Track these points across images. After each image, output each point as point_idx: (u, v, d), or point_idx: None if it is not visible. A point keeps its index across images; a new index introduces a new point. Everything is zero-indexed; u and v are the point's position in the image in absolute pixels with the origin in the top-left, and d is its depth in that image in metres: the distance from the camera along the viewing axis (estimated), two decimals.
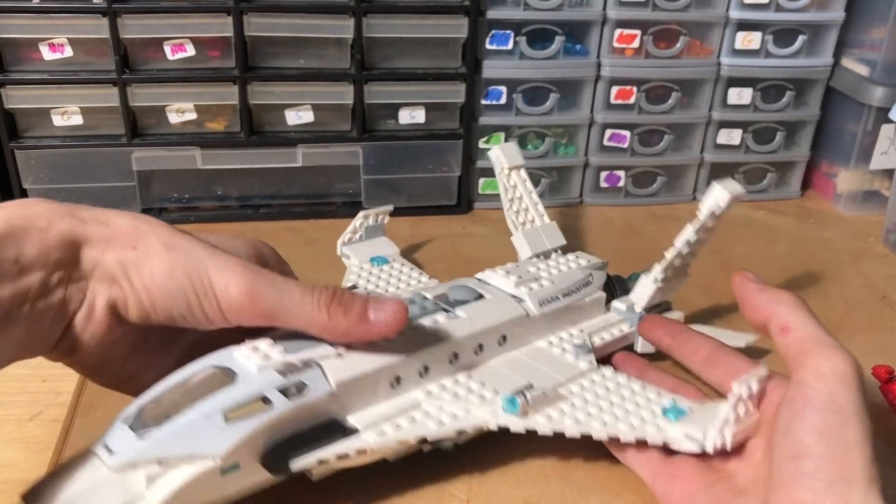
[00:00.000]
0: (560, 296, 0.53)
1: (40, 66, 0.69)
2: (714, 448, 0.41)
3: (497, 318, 0.49)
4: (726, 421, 0.41)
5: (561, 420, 0.44)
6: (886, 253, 0.76)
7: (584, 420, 0.44)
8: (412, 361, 0.44)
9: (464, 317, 0.48)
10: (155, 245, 0.37)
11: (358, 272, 0.62)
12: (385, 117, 0.76)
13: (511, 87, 0.77)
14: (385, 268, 0.63)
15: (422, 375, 0.45)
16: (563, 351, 0.51)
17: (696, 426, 0.42)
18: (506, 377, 0.47)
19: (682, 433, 0.42)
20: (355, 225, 0.65)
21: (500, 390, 0.45)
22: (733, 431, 0.41)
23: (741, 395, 0.41)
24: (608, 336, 0.54)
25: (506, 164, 0.63)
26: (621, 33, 0.76)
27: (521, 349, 0.51)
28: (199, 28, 0.69)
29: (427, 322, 0.47)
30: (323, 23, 0.70)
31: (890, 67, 0.78)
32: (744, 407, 0.41)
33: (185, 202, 0.76)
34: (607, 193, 0.84)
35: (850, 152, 0.82)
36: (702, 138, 0.83)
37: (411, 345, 0.45)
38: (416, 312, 0.47)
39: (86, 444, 0.38)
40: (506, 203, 0.63)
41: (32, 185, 0.72)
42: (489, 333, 0.48)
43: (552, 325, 0.53)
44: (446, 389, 0.45)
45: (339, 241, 0.65)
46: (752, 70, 0.80)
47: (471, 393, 0.45)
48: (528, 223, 0.63)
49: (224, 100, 0.72)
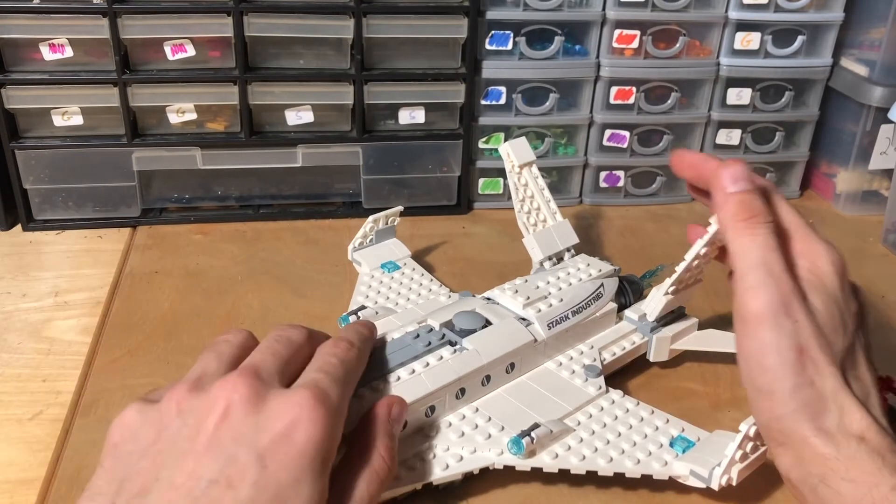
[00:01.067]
0: (570, 314, 0.52)
1: (41, 66, 0.69)
2: (720, 486, 0.41)
3: (504, 349, 0.48)
4: (733, 460, 0.41)
5: (567, 457, 0.44)
6: (885, 253, 0.76)
7: (590, 456, 0.44)
8: (418, 405, 0.44)
9: (470, 349, 0.47)
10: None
11: (368, 282, 0.61)
12: (385, 117, 0.76)
13: (511, 88, 0.77)
14: (396, 275, 0.62)
15: (428, 416, 0.45)
16: (572, 373, 0.50)
17: (703, 462, 0.42)
18: (512, 410, 0.46)
19: (687, 469, 0.42)
20: (365, 230, 0.65)
21: (506, 426, 0.45)
22: (739, 469, 0.41)
23: (748, 434, 0.41)
24: (619, 350, 0.53)
25: (516, 162, 0.60)
26: (621, 34, 0.76)
27: (529, 373, 0.50)
28: (199, 28, 0.69)
29: (433, 360, 0.46)
30: (323, 23, 0.71)
31: (889, 68, 0.78)
32: (751, 443, 0.41)
33: (185, 202, 0.76)
34: (607, 193, 0.84)
35: (850, 152, 0.82)
36: (701, 138, 0.83)
37: (418, 387, 0.44)
38: (420, 349, 0.47)
39: (86, 443, 0.38)
40: (517, 203, 0.61)
41: (33, 186, 0.72)
42: (497, 364, 0.48)
43: (561, 344, 0.52)
44: (452, 427, 0.45)
45: (350, 246, 0.65)
46: (751, 70, 0.80)
47: (476, 430, 0.45)
48: (539, 223, 0.61)
49: (224, 100, 0.72)
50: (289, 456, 0.34)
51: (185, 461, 0.33)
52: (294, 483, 0.34)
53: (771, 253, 0.40)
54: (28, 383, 0.53)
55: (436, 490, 0.44)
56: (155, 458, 0.34)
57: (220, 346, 0.40)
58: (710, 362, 0.56)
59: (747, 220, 0.41)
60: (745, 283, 0.40)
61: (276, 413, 0.35)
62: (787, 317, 0.39)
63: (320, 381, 0.37)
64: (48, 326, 0.59)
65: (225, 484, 0.33)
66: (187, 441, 0.34)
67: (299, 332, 0.41)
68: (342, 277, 0.67)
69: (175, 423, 0.35)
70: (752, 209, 0.41)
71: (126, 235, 0.73)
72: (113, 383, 0.53)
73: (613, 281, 0.56)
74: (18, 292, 0.63)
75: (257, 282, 0.66)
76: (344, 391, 0.38)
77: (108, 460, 0.35)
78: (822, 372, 0.38)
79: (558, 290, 0.54)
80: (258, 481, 0.33)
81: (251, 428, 0.34)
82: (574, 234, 0.62)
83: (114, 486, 0.34)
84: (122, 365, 0.55)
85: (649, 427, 0.46)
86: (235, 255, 0.70)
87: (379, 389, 0.43)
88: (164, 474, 0.33)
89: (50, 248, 0.71)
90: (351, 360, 0.41)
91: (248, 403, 0.35)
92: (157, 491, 0.33)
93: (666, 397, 0.53)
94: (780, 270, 0.40)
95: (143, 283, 0.65)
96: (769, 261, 0.40)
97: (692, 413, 0.51)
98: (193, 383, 0.37)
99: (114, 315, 0.61)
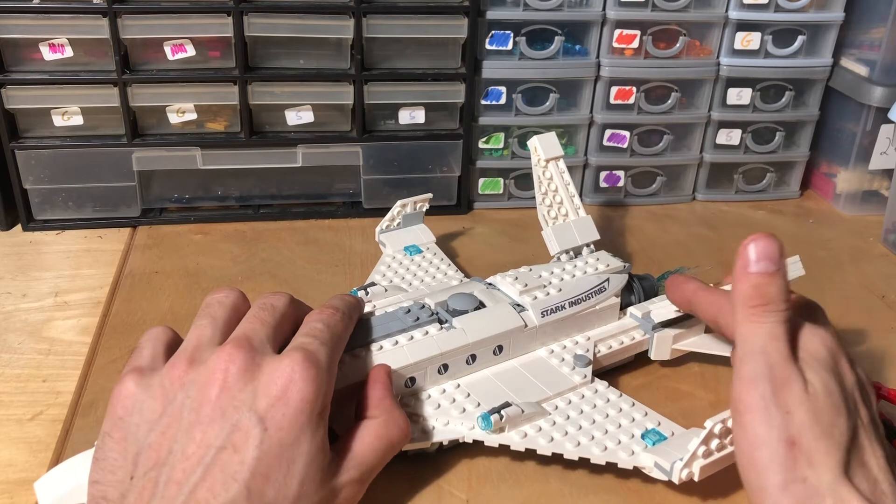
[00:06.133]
0: (566, 304, 0.53)
1: (41, 66, 0.69)
2: (680, 480, 0.41)
3: (492, 331, 0.49)
4: (695, 455, 0.41)
5: (535, 438, 0.44)
6: (886, 253, 0.76)
7: (559, 439, 0.44)
8: (396, 375, 0.46)
9: (458, 328, 0.49)
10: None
11: (388, 262, 0.63)
12: (385, 117, 0.76)
13: (511, 88, 0.77)
14: (416, 258, 0.64)
15: (408, 386, 0.47)
16: (561, 361, 0.51)
17: (667, 456, 0.42)
18: (493, 389, 0.48)
19: (651, 461, 0.43)
20: (393, 213, 0.66)
21: (482, 403, 0.46)
22: (702, 465, 0.41)
23: (713, 431, 0.41)
24: (617, 344, 0.54)
25: (542, 156, 0.61)
26: (621, 33, 0.76)
27: (519, 358, 0.51)
28: (199, 28, 0.69)
29: (418, 334, 0.48)
30: (323, 23, 0.71)
31: (889, 67, 0.78)
32: (717, 441, 0.41)
33: (185, 202, 0.76)
34: (607, 193, 0.84)
35: (850, 152, 0.82)
36: (701, 138, 0.83)
37: (398, 357, 0.46)
38: (408, 323, 0.48)
39: (86, 443, 0.38)
40: (539, 196, 0.61)
41: (33, 186, 0.72)
42: (482, 344, 0.49)
43: (556, 333, 0.53)
44: (430, 400, 0.47)
45: (378, 228, 0.66)
46: (751, 70, 0.80)
47: (453, 404, 0.47)
48: (560, 217, 0.61)
49: (224, 100, 0.72)
50: (286, 417, 0.37)
51: (194, 432, 0.36)
52: (294, 441, 0.36)
53: (773, 342, 0.39)
54: (28, 383, 0.53)
55: (405, 456, 0.44)
56: (165, 431, 0.36)
57: (213, 309, 0.42)
58: (712, 365, 0.56)
59: (757, 307, 0.40)
60: (741, 372, 0.39)
61: (270, 377, 0.38)
62: (779, 408, 0.37)
63: (309, 344, 0.40)
64: (48, 326, 0.59)
65: (231, 449, 0.35)
66: (192, 412, 0.37)
67: (281, 299, 0.43)
68: (342, 277, 0.67)
69: (179, 395, 0.37)
70: (766, 296, 0.40)
71: (126, 235, 0.73)
72: (113, 383, 0.52)
73: (622, 277, 0.56)
74: (18, 292, 0.63)
75: (257, 282, 0.66)
76: (332, 352, 0.41)
77: (117, 432, 0.37)
78: (817, 465, 0.36)
79: (559, 281, 0.55)
80: (261, 443, 0.36)
81: (249, 394, 0.37)
82: (595, 230, 0.61)
83: (129, 460, 0.37)
84: (122, 365, 0.55)
85: (626, 418, 0.46)
86: (235, 255, 0.70)
87: (361, 357, 0.46)
88: (176, 447, 0.36)
89: (50, 248, 0.71)
90: (336, 324, 0.43)
91: (244, 371, 0.38)
92: (171, 462, 0.35)
93: (665, 397, 0.53)
94: (779, 360, 0.39)
95: (142, 283, 0.65)
96: (769, 350, 0.39)
97: (688, 415, 0.51)
98: (191, 355, 0.39)
99: (114, 315, 0.61)
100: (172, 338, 0.42)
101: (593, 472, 0.46)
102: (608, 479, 0.46)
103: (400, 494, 0.44)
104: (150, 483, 0.35)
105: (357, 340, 0.46)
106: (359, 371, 0.45)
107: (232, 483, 0.35)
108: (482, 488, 0.45)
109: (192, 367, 0.38)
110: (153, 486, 0.35)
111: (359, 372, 0.45)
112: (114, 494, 0.36)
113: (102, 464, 0.37)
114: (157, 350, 0.41)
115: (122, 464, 0.37)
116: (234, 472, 0.35)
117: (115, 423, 0.38)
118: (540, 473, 0.46)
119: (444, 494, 0.45)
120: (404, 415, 0.43)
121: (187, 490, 0.34)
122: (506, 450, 0.45)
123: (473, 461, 0.47)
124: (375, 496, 0.42)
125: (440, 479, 0.45)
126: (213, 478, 0.34)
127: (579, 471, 0.46)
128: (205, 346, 0.40)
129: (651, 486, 0.45)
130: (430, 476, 0.46)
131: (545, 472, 0.46)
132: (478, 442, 0.45)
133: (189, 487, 0.34)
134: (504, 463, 0.47)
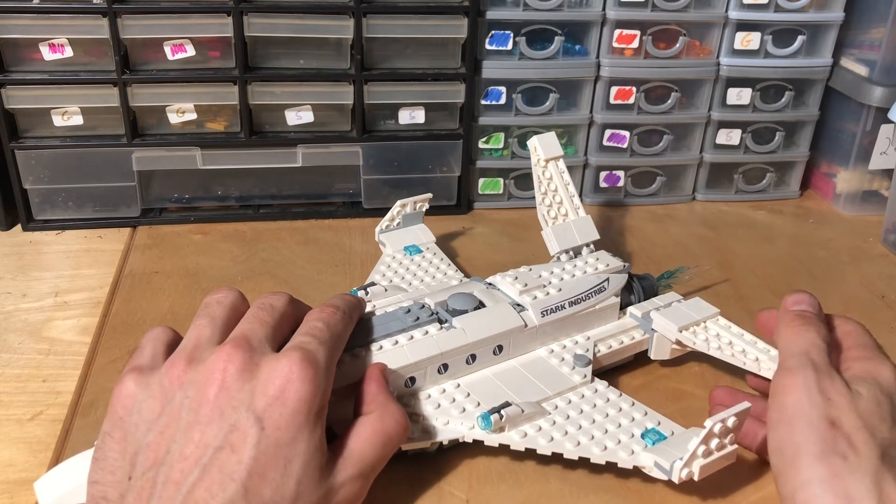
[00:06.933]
0: (566, 304, 0.53)
1: (40, 66, 0.69)
2: (680, 479, 0.41)
3: (492, 331, 0.49)
4: (695, 455, 0.41)
5: (535, 438, 0.45)
6: (885, 253, 0.76)
7: (559, 439, 0.44)
8: (397, 375, 0.46)
9: (458, 328, 0.49)
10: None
11: (388, 262, 0.63)
12: (385, 117, 0.76)
13: (511, 88, 0.77)
14: (416, 258, 0.64)
15: (407, 386, 0.47)
16: (561, 361, 0.51)
17: (667, 455, 0.42)
18: (493, 389, 0.48)
19: (651, 460, 0.43)
20: (392, 213, 0.66)
21: (482, 402, 0.46)
22: (702, 465, 0.41)
23: (713, 431, 0.41)
24: (617, 344, 0.54)
25: (542, 155, 0.61)
26: (620, 33, 0.76)
27: (519, 358, 0.51)
28: (199, 28, 0.69)
29: (418, 334, 0.48)
30: (323, 23, 0.71)
31: (889, 68, 0.78)
32: (717, 441, 0.41)
33: (185, 202, 0.76)
34: (607, 193, 0.84)
35: (850, 152, 0.82)
36: (701, 138, 0.83)
37: (398, 357, 0.46)
38: (408, 323, 0.48)
39: (86, 443, 0.38)
40: (538, 196, 0.61)
41: (33, 185, 0.72)
42: (482, 344, 0.49)
43: (555, 333, 0.53)
44: (430, 399, 0.47)
45: (378, 228, 0.66)
46: (751, 70, 0.80)
47: (453, 404, 0.47)
48: (560, 217, 0.61)
49: (224, 100, 0.72)
50: (284, 416, 0.37)
51: (192, 432, 0.36)
52: (291, 441, 0.36)
53: (814, 347, 0.41)
54: (28, 383, 0.53)
55: (405, 456, 0.45)
56: (163, 430, 0.37)
57: (212, 309, 0.42)
58: (712, 365, 0.56)
59: (798, 323, 0.43)
60: (784, 365, 0.41)
61: (268, 377, 0.38)
62: (821, 392, 0.38)
63: (307, 343, 0.40)
64: (48, 326, 0.59)
65: (229, 449, 0.35)
66: (191, 412, 0.37)
67: (281, 299, 0.43)
68: (342, 277, 0.67)
69: (177, 395, 0.38)
70: (806, 319, 0.44)
71: (126, 235, 0.73)
72: (113, 383, 0.52)
73: (621, 277, 0.56)
74: (18, 292, 0.63)
75: (257, 282, 0.66)
76: (331, 352, 0.41)
77: (117, 432, 0.38)
78: (858, 448, 0.36)
79: (559, 281, 0.55)
80: (258, 443, 0.36)
81: (247, 394, 0.37)
82: (595, 230, 0.61)
83: (127, 460, 0.37)
84: (121, 365, 0.55)
85: (625, 418, 0.46)
86: (235, 255, 0.70)
87: (361, 356, 0.45)
88: (174, 447, 0.36)
89: (50, 248, 0.71)
90: (336, 324, 0.43)
91: (242, 371, 0.38)
92: (170, 462, 0.35)
93: (665, 397, 0.53)
94: (822, 361, 0.40)
95: (142, 283, 0.65)
96: (811, 351, 0.41)
97: (688, 415, 0.51)
98: (190, 354, 0.39)
99: (114, 315, 0.61)
100: (173, 338, 0.42)
101: (593, 472, 0.46)
102: (608, 479, 0.46)
103: (400, 494, 0.44)
104: (148, 483, 0.35)
105: (357, 340, 0.46)
106: (358, 371, 0.45)
107: (229, 483, 0.35)
108: (482, 488, 0.45)
109: (191, 366, 0.38)
110: (151, 486, 0.35)
111: (358, 372, 0.45)
112: (113, 495, 0.36)
113: (102, 464, 0.37)
114: (157, 350, 0.41)
115: (122, 464, 0.37)
116: (231, 471, 0.35)
117: (115, 422, 0.38)
118: (540, 473, 0.46)
119: (444, 494, 0.45)
120: (401, 408, 0.43)
121: (185, 490, 0.34)
122: (506, 450, 0.46)
123: (473, 461, 0.47)
124: (375, 496, 0.42)
125: (440, 479, 0.45)
126: (210, 478, 0.35)
127: (579, 470, 0.46)
128: (204, 345, 0.40)
129: (651, 486, 0.45)
130: (430, 476, 0.46)
131: (545, 471, 0.46)
132: (478, 442, 0.45)
133: (187, 487, 0.34)
134: (504, 463, 0.47)
